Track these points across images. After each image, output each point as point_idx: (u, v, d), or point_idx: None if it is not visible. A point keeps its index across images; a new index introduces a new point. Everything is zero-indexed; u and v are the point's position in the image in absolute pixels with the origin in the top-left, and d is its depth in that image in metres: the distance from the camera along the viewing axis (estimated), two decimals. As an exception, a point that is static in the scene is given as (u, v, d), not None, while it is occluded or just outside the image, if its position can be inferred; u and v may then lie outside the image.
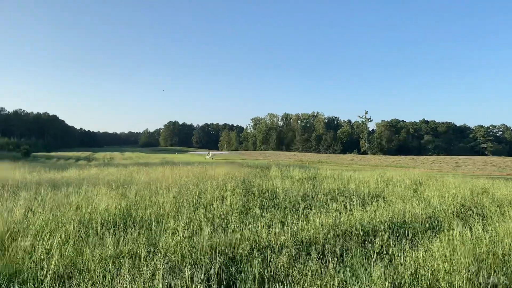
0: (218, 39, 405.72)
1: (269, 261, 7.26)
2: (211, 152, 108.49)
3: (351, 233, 9.31)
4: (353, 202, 13.10)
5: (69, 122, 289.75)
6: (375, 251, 7.94)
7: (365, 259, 7.69)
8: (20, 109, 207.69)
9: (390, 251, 8.10)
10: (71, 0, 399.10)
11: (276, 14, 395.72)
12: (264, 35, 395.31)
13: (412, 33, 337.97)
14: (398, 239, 9.14)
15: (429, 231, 9.85)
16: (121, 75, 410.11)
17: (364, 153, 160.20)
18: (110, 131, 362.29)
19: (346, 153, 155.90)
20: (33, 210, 10.40)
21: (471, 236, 8.91)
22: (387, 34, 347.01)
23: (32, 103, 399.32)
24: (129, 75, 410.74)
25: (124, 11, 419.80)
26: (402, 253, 7.93)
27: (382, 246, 8.37)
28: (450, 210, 12.67)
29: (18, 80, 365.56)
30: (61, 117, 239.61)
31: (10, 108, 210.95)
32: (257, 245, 8.02)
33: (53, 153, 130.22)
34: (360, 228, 9.65)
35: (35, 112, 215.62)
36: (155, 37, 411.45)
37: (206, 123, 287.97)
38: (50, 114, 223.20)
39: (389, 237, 9.00)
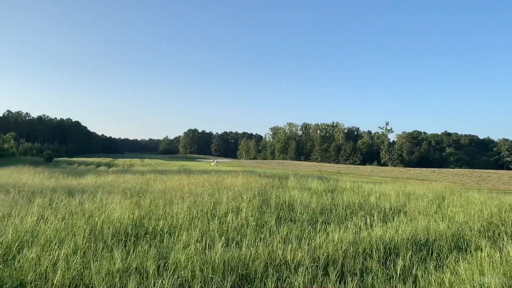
0: (237, 48, 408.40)
1: (284, 280, 6.86)
2: (216, 160, 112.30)
3: (372, 251, 8.81)
4: (373, 217, 12.55)
5: (91, 128, 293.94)
6: (398, 272, 7.45)
7: (387, 280, 7.22)
8: (44, 114, 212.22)
9: (414, 272, 7.60)
10: (96, 5, 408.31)
11: (297, 22, 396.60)
12: (283, 43, 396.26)
13: (435, 42, 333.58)
14: (422, 259, 8.62)
15: (454, 251, 9.29)
16: (143, 84, 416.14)
17: (384, 164, 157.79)
18: (131, 138, 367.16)
19: (365, 164, 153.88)
20: (45, 218, 10.23)
21: (501, 257, 8.34)
22: (409, 43, 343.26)
23: (56, 109, 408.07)
24: (150, 83, 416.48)
25: (144, 19, 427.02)
26: (426, 274, 7.43)
27: (404, 266, 7.88)
28: (476, 228, 12.01)
29: (42, 86, 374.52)
30: (83, 123, 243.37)
31: (34, 114, 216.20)
32: (272, 261, 7.61)
33: (74, 159, 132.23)
34: (381, 245, 9.14)
35: (58, 118, 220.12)
36: (175, 46, 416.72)
37: (225, 131, 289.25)
38: (73, 120, 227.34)
39: (412, 257, 8.48)
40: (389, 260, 8.33)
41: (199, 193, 16.90)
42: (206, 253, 7.70)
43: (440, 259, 8.74)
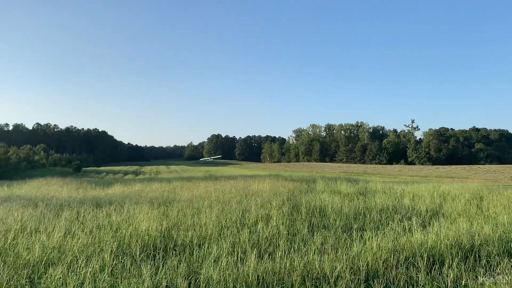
0: (258, 52, 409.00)
1: (324, 296, 6.40)
2: (211, 157, 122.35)
3: (415, 259, 8.20)
4: (412, 221, 11.89)
5: (118, 137, 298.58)
6: (447, 284, 6.85)
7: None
8: (71, 126, 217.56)
9: (463, 283, 7.00)
10: (123, 15, 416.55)
11: (316, 22, 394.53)
12: (304, 45, 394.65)
13: (459, 36, 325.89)
14: (470, 266, 7.96)
15: (505, 257, 8.58)
16: (167, 92, 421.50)
17: (412, 163, 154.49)
18: (157, 145, 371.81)
19: (392, 164, 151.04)
20: (72, 232, 10.04)
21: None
22: (433, 37, 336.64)
23: (83, 120, 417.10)
24: (174, 91, 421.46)
25: (165, 28, 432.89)
26: (477, 285, 6.81)
27: (451, 275, 7.26)
28: (524, 230, 11.20)
29: (69, 98, 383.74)
30: (110, 133, 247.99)
31: (62, 125, 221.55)
32: (309, 274, 7.13)
33: (102, 168, 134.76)
34: (424, 253, 8.53)
35: (85, 128, 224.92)
36: (198, 53, 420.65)
37: (248, 136, 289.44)
38: (100, 130, 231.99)
39: (458, 264, 7.85)
40: (434, 269, 7.73)
41: (226, 201, 16.54)
42: (238, 266, 7.29)
43: (490, 266, 8.08)
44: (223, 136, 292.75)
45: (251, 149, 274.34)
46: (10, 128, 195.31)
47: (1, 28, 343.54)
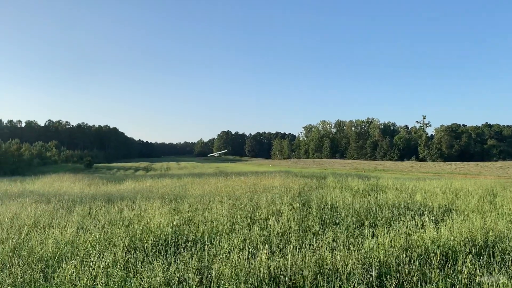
0: (267, 49, 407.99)
1: (337, 292, 6.36)
2: (218, 152, 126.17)
3: (427, 255, 8.12)
4: (424, 217, 11.77)
5: (129, 134, 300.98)
6: (461, 281, 6.76)
7: (449, 289, 6.57)
8: (83, 122, 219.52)
9: (477, 279, 6.90)
10: (128, 11, 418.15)
11: (324, 19, 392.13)
12: (313, 41, 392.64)
13: (470, 31, 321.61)
14: (485, 263, 7.84)
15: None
16: (176, 89, 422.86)
17: (423, 159, 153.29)
18: (167, 142, 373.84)
19: (403, 160, 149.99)
20: (85, 227, 10.12)
21: None
22: (443, 34, 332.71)
23: (94, 116, 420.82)
24: (183, 88, 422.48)
25: (176, 27, 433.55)
26: (493, 282, 6.71)
27: (465, 272, 7.17)
28: (539, 227, 11.02)
29: (80, 95, 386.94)
30: (120, 130, 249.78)
31: (74, 122, 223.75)
32: (320, 269, 7.09)
33: (113, 164, 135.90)
34: (437, 249, 8.43)
35: (96, 125, 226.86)
36: (207, 51, 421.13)
37: (258, 132, 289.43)
38: (111, 126, 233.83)
39: (472, 261, 7.74)
40: (448, 266, 7.64)
41: (237, 197, 16.55)
42: (249, 262, 7.28)
43: (505, 263, 7.97)
44: (233, 132, 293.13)
45: (261, 146, 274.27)
46: (23, 125, 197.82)
47: (15, 29, 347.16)
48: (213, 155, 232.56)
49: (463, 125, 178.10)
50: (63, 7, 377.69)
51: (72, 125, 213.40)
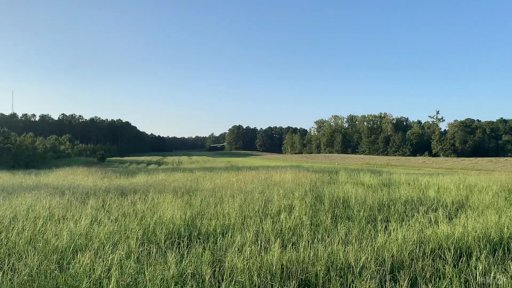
0: (279, 45, 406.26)
1: (349, 286, 6.33)
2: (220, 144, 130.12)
3: (442, 251, 8.04)
4: (438, 212, 11.66)
5: (141, 128, 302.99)
6: (476, 277, 6.69)
7: (463, 284, 6.50)
8: (96, 116, 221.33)
9: (491, 275, 6.82)
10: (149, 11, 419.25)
11: (338, 15, 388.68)
12: (326, 37, 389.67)
13: (483, 27, 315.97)
14: (499, 259, 7.74)
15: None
16: (189, 83, 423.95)
17: (436, 155, 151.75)
18: (179, 136, 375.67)
19: (416, 155, 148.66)
20: (99, 220, 10.23)
21: None
22: (456, 28, 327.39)
23: (107, 110, 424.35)
24: (196, 82, 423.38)
25: (189, 20, 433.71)
26: (508, 279, 6.62)
27: (480, 268, 7.09)
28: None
29: (94, 89, 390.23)
30: (133, 124, 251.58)
31: (87, 116, 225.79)
32: (333, 264, 7.07)
33: (126, 158, 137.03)
34: (451, 245, 8.34)
35: (109, 119, 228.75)
36: (220, 46, 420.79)
37: (270, 127, 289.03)
38: (123, 120, 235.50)
39: (487, 257, 7.65)
40: (461, 262, 7.56)
41: (249, 191, 16.58)
42: (261, 255, 7.29)
43: (520, 260, 7.85)
44: (244, 127, 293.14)
45: (272, 140, 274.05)
46: (37, 118, 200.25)
47: (26, 29, 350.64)
48: (215, 146, 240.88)
49: (477, 120, 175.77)
50: (77, 3, 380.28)
51: (85, 119, 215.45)
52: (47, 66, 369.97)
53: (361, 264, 6.97)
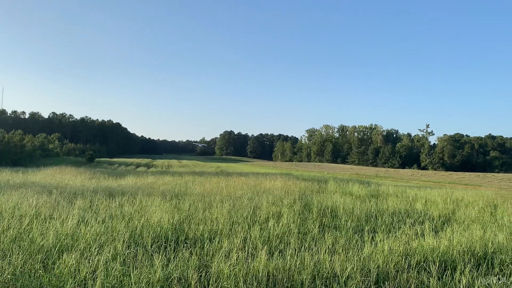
0: (272, 51, 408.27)
1: (334, 296, 6.38)
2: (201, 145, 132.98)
3: (426, 263, 8.12)
4: (424, 225, 11.77)
5: (131, 129, 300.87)
6: (459, 290, 6.77)
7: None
8: (86, 116, 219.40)
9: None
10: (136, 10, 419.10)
11: (331, 23, 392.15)
12: (319, 45, 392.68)
13: (477, 42, 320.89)
14: (483, 274, 7.84)
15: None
16: (181, 86, 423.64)
17: (425, 168, 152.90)
18: (169, 139, 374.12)
19: (405, 168, 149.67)
20: (86, 220, 10.16)
21: None
22: (450, 44, 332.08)
23: (97, 111, 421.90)
24: (188, 85, 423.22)
25: (184, 26, 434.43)
26: None
27: (464, 281, 7.17)
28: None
29: (84, 88, 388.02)
30: (123, 125, 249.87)
31: (77, 116, 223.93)
32: (319, 273, 7.11)
33: (115, 159, 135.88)
34: (436, 258, 8.43)
35: (100, 119, 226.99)
36: (212, 50, 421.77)
37: (261, 133, 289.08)
38: (114, 121, 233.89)
39: (471, 271, 7.74)
40: (446, 275, 7.64)
41: (238, 197, 16.57)
42: (248, 262, 7.30)
43: (504, 274, 7.96)
44: (235, 132, 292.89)
45: (263, 147, 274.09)
46: (27, 116, 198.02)
47: (22, 25, 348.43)
48: (197, 145, 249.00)
49: (466, 135, 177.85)
50: (69, 4, 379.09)
51: (76, 119, 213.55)
52: (39, 64, 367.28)
53: (347, 274, 7.02)
